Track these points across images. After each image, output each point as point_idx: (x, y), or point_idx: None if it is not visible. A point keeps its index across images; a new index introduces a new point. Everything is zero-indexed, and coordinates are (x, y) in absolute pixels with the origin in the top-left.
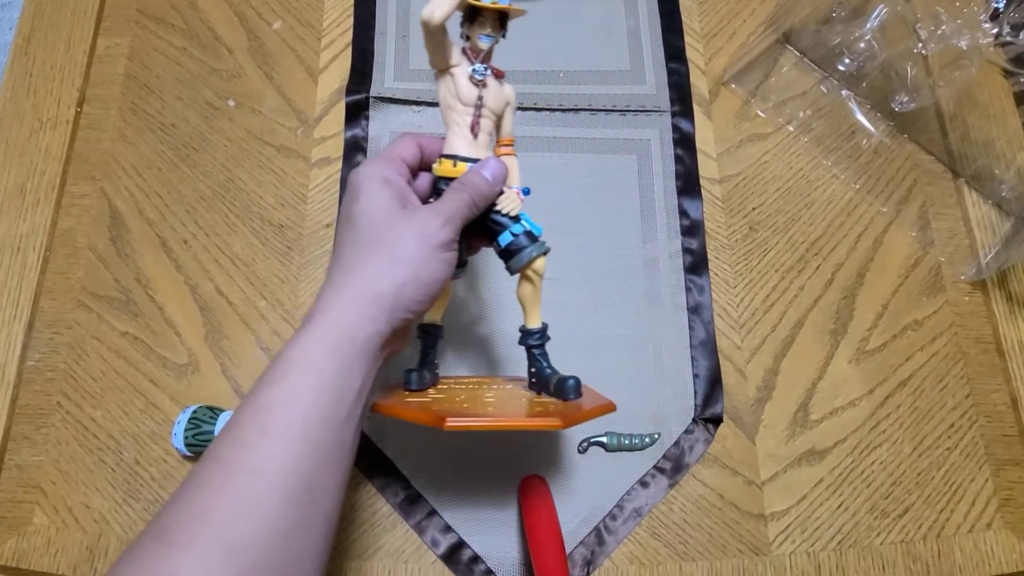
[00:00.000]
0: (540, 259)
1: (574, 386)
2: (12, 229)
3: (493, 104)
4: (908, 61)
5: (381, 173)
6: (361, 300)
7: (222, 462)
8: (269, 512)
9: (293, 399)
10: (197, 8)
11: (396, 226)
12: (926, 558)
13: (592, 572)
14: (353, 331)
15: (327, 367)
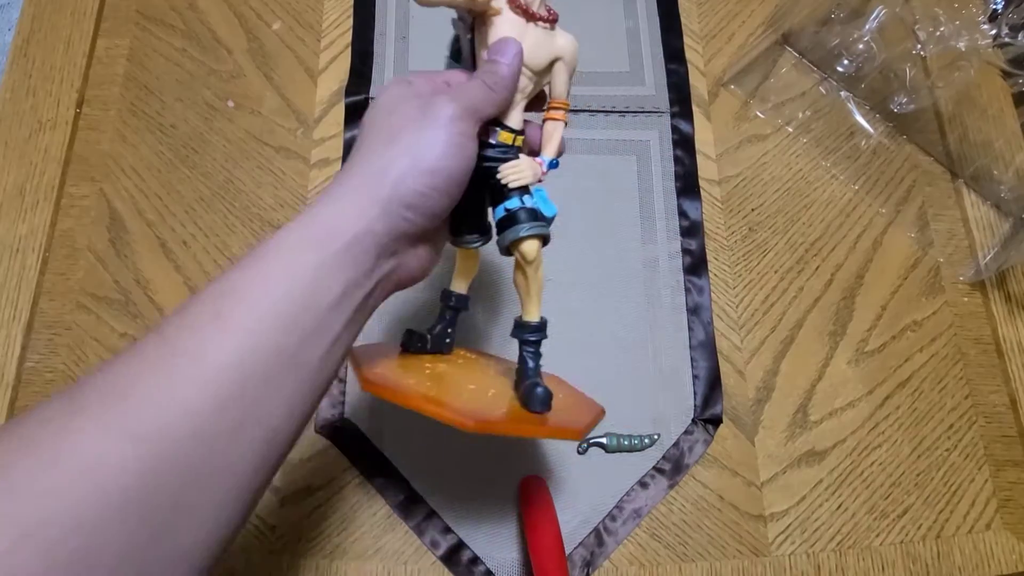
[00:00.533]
0: (529, 242)
1: (542, 397)
2: (11, 230)
3: (530, 58)
4: (907, 62)
5: (405, 77)
6: (352, 192)
7: (164, 337)
8: (197, 408)
9: (256, 290)
10: (197, 9)
11: (397, 112)
12: (925, 559)
13: (592, 573)
14: (337, 225)
15: (301, 261)
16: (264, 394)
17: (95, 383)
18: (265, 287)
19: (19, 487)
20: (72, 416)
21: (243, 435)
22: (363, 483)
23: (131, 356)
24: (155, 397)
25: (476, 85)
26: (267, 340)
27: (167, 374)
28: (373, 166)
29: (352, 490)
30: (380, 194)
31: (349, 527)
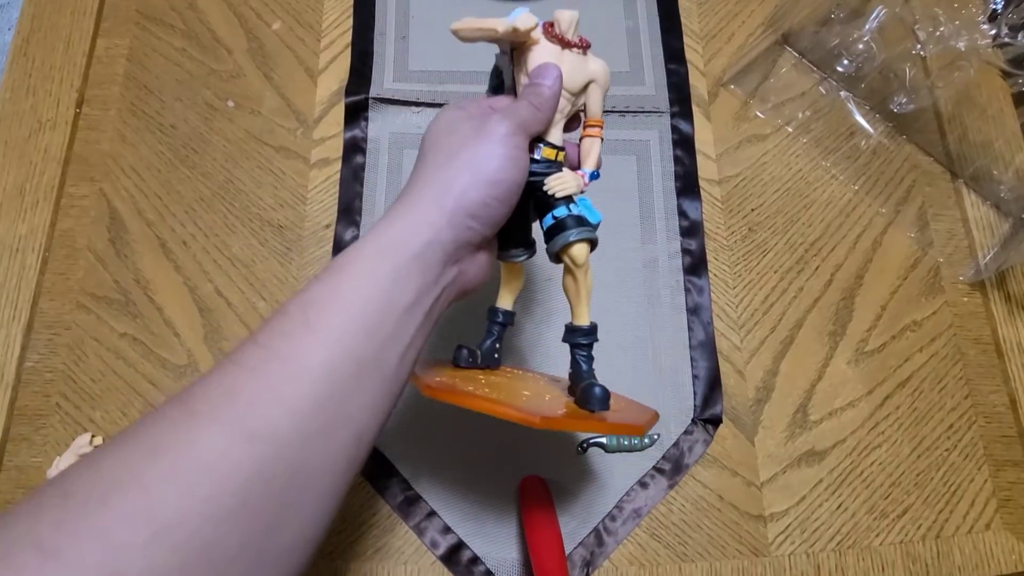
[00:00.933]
0: (578, 246)
1: (600, 396)
2: (11, 230)
3: (567, 81)
4: (907, 62)
5: (458, 104)
6: (420, 204)
7: (261, 345)
8: (298, 408)
9: (340, 298)
10: (196, 9)
11: (454, 132)
12: (925, 559)
13: (591, 573)
14: (407, 235)
15: (379, 270)
16: (352, 394)
17: (204, 389)
18: (347, 295)
19: (152, 488)
20: (190, 419)
21: (336, 434)
22: (363, 483)
23: (232, 364)
24: (262, 398)
25: (524, 105)
26: (353, 344)
27: (269, 377)
28: (438, 180)
29: (352, 490)
30: (446, 205)
31: (349, 527)
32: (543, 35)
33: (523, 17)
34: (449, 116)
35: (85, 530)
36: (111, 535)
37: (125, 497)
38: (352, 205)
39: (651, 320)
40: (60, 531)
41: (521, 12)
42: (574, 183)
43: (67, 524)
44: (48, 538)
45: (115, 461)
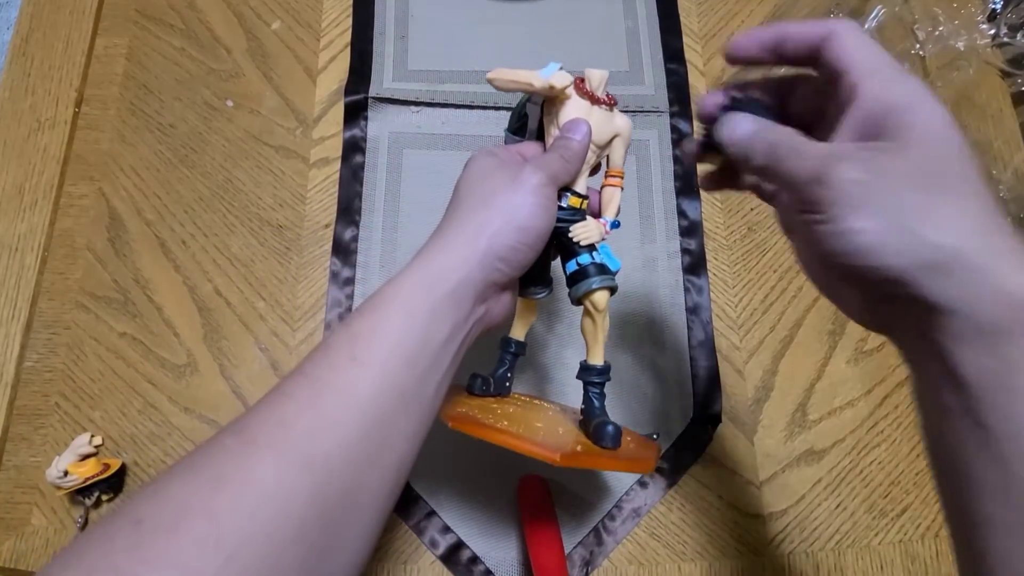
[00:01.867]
0: (600, 293)
1: (612, 434)
2: (10, 229)
3: (594, 135)
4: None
5: (490, 150)
6: (455, 244)
7: (310, 377)
8: (348, 438)
9: (382, 332)
10: (196, 8)
11: (489, 179)
12: (924, 558)
13: (591, 572)
14: (445, 272)
15: (417, 306)
16: (395, 423)
17: (259, 419)
18: (390, 330)
19: (218, 515)
20: (249, 448)
21: (380, 461)
22: None
23: (284, 396)
24: (316, 428)
25: (555, 158)
26: (395, 375)
27: (320, 408)
28: (472, 222)
29: None
30: (479, 246)
31: None
32: (574, 90)
33: (559, 76)
34: (483, 163)
35: (158, 557)
36: (184, 560)
37: (193, 524)
38: (351, 204)
39: (650, 320)
40: (134, 557)
41: (555, 68)
42: (597, 232)
43: (140, 551)
44: (124, 563)
45: (180, 489)
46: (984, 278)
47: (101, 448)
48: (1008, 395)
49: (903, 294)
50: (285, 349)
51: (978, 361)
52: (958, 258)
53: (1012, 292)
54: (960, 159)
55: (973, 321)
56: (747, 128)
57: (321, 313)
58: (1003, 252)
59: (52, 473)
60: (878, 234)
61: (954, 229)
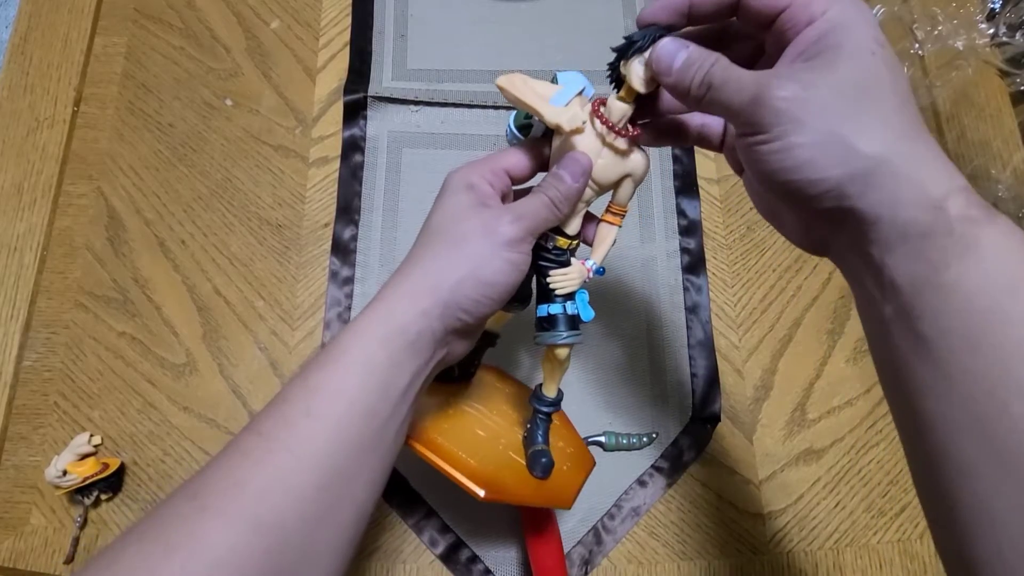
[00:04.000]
0: (563, 349)
1: (545, 466)
2: (9, 228)
3: (600, 175)
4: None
5: (468, 179)
6: (417, 292)
7: (264, 436)
8: (302, 495)
9: (340, 386)
10: (195, 7)
11: (463, 221)
12: (923, 557)
13: (590, 571)
14: (405, 323)
15: (376, 358)
16: (352, 476)
17: (210, 480)
18: (347, 384)
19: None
20: (201, 514)
21: (339, 514)
22: None
23: (237, 454)
24: (268, 489)
25: (541, 203)
26: (353, 429)
27: (274, 467)
28: (437, 270)
29: None
30: (440, 297)
31: None
32: (591, 114)
33: (571, 115)
34: (460, 200)
35: None
36: None
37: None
38: (351, 204)
39: (649, 319)
40: None
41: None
42: (578, 279)
43: None
44: None
45: (132, 558)
46: (906, 184)
47: (100, 447)
48: (934, 293)
49: (837, 207)
50: (284, 348)
51: (906, 265)
52: (883, 166)
53: (931, 194)
54: (889, 72)
55: (898, 226)
56: (681, 58)
57: (320, 312)
58: (925, 159)
59: (51, 472)
60: (814, 147)
61: (880, 139)
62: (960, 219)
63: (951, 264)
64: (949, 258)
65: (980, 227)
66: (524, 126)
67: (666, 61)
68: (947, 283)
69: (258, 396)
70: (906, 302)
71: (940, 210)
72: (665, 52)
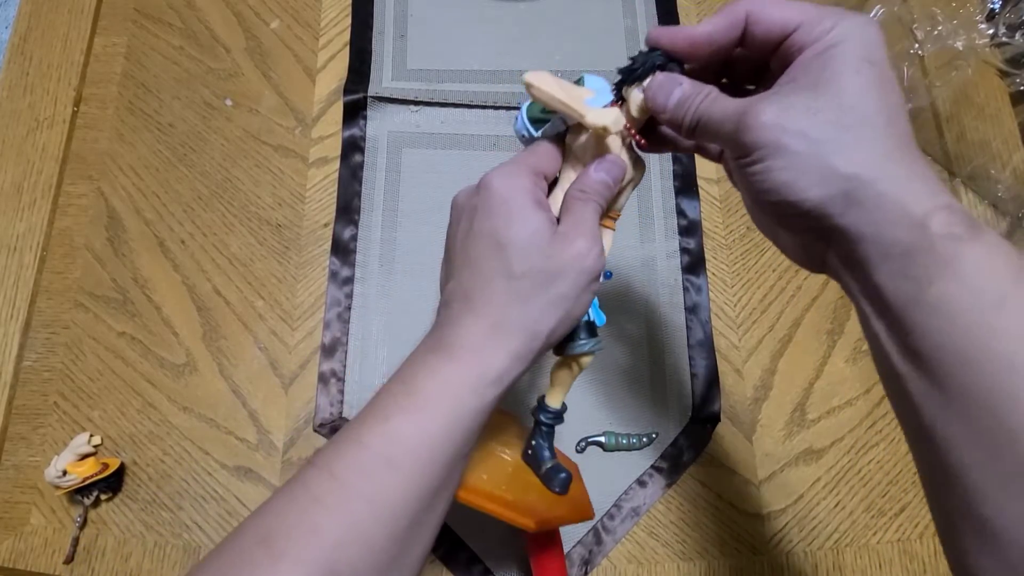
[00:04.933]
0: (587, 357)
1: (564, 481)
2: (9, 229)
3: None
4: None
5: (533, 192)
6: (511, 339)
7: (339, 480)
8: (375, 545)
9: (425, 438)
10: (195, 7)
11: (555, 258)
12: (923, 557)
13: (590, 571)
14: (501, 374)
15: (466, 409)
16: (424, 521)
17: (283, 523)
18: (432, 434)
19: None
20: (275, 563)
21: (408, 559)
22: None
23: (311, 500)
24: (344, 539)
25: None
26: (431, 481)
27: (350, 516)
28: (535, 322)
29: None
30: (536, 346)
31: None
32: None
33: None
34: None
35: None
36: None
37: None
38: (351, 204)
39: (649, 319)
40: None
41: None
42: None
43: None
44: None
45: None
46: (888, 203)
47: (100, 447)
48: (921, 310)
49: (825, 226)
50: (284, 348)
51: (892, 283)
52: (864, 186)
53: (913, 213)
54: (877, 90)
55: (884, 245)
56: (675, 97)
57: (320, 312)
58: (909, 177)
59: (51, 472)
60: (794, 170)
61: (860, 159)
62: (943, 237)
63: (934, 281)
64: (932, 275)
65: (963, 244)
66: (538, 120)
67: (661, 100)
68: (932, 300)
69: (258, 396)
70: (896, 319)
71: (923, 228)
72: (661, 90)
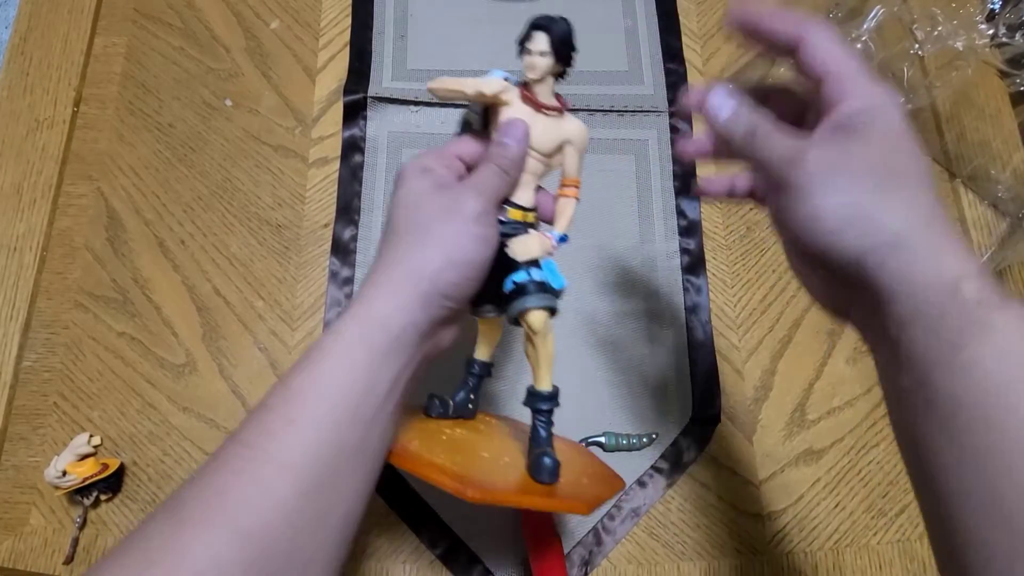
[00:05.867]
0: (535, 313)
1: (550, 468)
2: (9, 229)
3: (539, 142)
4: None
5: (422, 163)
6: (394, 286)
7: (245, 444)
8: (284, 503)
9: (321, 390)
10: (194, 7)
11: (426, 206)
12: (923, 557)
13: (590, 572)
14: (386, 320)
15: (358, 358)
16: (338, 481)
17: (192, 494)
18: (329, 387)
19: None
20: (180, 528)
21: (326, 520)
22: None
23: (219, 465)
24: (250, 498)
25: (492, 172)
26: (336, 434)
27: (257, 477)
28: (411, 262)
29: None
30: (420, 289)
31: None
32: (517, 97)
33: (491, 82)
34: (416, 187)
35: None
36: None
37: None
38: (350, 204)
39: (649, 319)
40: None
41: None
42: (538, 247)
43: None
44: None
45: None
46: (924, 263)
47: (100, 448)
48: (950, 371)
49: (858, 276)
50: (284, 349)
51: (922, 342)
52: (903, 243)
53: (947, 276)
54: (915, 157)
55: (914, 304)
56: (730, 106)
57: (320, 312)
58: (943, 241)
59: (51, 473)
60: (839, 213)
61: (903, 217)
62: (975, 302)
63: (967, 344)
64: (965, 338)
65: (995, 310)
66: (468, 121)
67: (713, 112)
68: (963, 362)
69: (258, 396)
70: (922, 376)
71: (956, 291)
72: (717, 100)
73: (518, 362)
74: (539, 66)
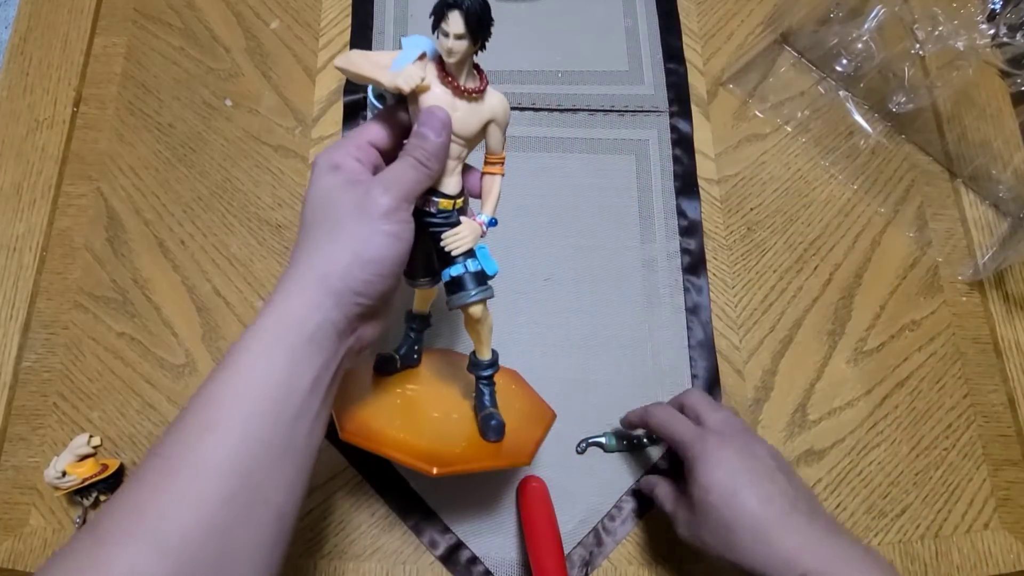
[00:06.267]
0: (477, 306)
1: (496, 428)
2: (8, 229)
3: (461, 128)
4: (905, 62)
5: (332, 159)
6: (306, 286)
7: (163, 457)
8: (206, 509)
9: (239, 393)
10: (194, 7)
11: (335, 204)
12: (924, 558)
13: (591, 573)
14: (301, 319)
15: (275, 359)
16: (264, 480)
17: (110, 514)
18: (246, 389)
19: None
20: (99, 547)
21: (252, 519)
22: (361, 483)
23: (136, 482)
24: (168, 507)
25: (408, 165)
26: (257, 435)
27: (174, 486)
28: (321, 261)
29: (350, 490)
30: (332, 287)
31: (347, 527)
32: (436, 78)
33: (409, 76)
34: (326, 184)
35: None
36: None
37: None
38: None
39: (650, 319)
40: None
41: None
42: (471, 237)
43: None
44: None
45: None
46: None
47: (99, 448)
48: None
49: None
50: None
51: None
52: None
53: (788, 556)
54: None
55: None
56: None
57: None
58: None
59: (50, 473)
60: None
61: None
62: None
63: None
64: None
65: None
66: (381, 95)
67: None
68: None
69: None
70: None
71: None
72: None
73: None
74: (457, 50)
